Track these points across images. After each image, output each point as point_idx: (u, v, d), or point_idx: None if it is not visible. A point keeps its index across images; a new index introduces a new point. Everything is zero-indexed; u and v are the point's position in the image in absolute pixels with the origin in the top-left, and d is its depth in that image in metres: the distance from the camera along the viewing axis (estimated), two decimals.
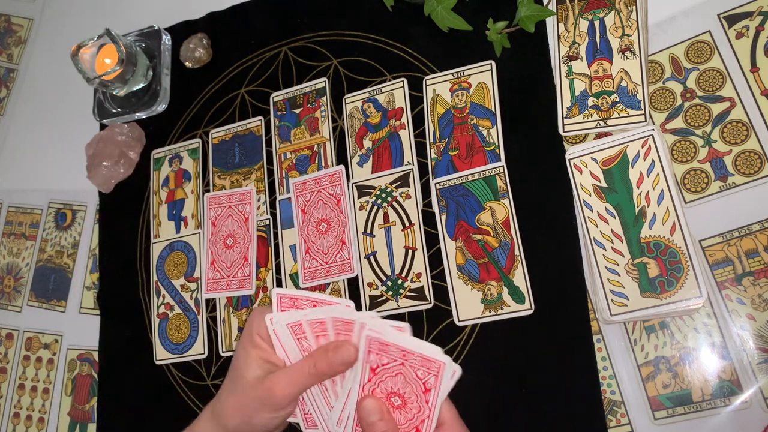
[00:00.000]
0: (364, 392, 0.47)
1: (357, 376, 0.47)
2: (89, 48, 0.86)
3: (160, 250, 0.86)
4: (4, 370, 0.92)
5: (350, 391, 0.48)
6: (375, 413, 0.46)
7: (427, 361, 0.46)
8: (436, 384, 0.46)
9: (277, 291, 0.49)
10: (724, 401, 0.59)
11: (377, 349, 0.46)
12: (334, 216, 0.76)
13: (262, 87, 0.86)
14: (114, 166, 0.89)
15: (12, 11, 1.11)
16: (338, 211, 0.76)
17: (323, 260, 0.75)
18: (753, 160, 0.62)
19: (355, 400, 0.47)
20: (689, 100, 0.66)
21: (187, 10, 0.93)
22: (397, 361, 0.46)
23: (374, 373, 0.47)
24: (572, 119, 0.68)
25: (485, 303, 0.67)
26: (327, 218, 0.76)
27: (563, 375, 0.63)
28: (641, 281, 0.62)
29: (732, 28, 0.66)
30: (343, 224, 0.75)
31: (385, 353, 0.46)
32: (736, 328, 0.60)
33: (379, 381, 0.47)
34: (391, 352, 0.46)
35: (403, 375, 0.46)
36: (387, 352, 0.46)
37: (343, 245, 0.75)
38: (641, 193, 0.64)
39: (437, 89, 0.75)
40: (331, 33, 0.83)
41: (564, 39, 0.71)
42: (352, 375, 0.47)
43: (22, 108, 1.04)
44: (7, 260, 0.97)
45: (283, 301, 0.49)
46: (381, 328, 0.46)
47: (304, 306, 0.48)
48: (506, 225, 0.68)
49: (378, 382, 0.47)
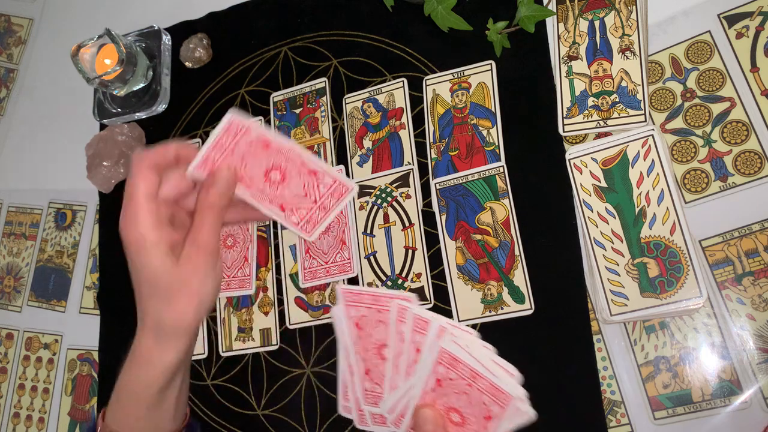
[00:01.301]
0: (424, 400, 0.46)
1: (422, 378, 0.45)
2: (89, 48, 0.86)
3: None
4: (4, 370, 0.92)
5: (412, 388, 0.46)
6: (431, 423, 0.45)
7: (497, 390, 0.43)
8: (501, 415, 0.44)
9: (341, 287, 0.48)
10: (724, 401, 0.59)
11: (447, 362, 0.44)
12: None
13: (262, 87, 0.86)
14: (114, 166, 0.89)
15: (12, 11, 1.11)
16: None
17: (323, 260, 0.75)
18: (753, 160, 0.62)
19: (413, 401, 0.46)
20: (689, 100, 0.66)
21: (187, 10, 0.93)
22: (465, 381, 0.44)
23: (440, 386, 0.45)
24: (572, 119, 0.68)
25: (485, 303, 0.67)
26: None
27: (563, 375, 0.63)
28: (641, 281, 0.62)
29: (732, 28, 0.66)
30: (343, 224, 0.75)
31: (454, 369, 0.44)
32: (736, 328, 0.60)
33: (443, 394, 0.45)
34: (460, 370, 0.44)
35: (468, 396, 0.44)
36: (456, 369, 0.44)
37: (343, 245, 0.75)
38: (641, 193, 0.64)
39: (437, 89, 0.75)
40: (331, 33, 0.83)
41: (564, 39, 0.71)
42: (418, 375, 0.45)
43: (22, 108, 1.04)
44: (7, 260, 0.97)
45: (347, 295, 0.47)
46: (461, 340, 0.44)
47: (366, 301, 0.47)
48: (506, 225, 0.68)
49: (441, 395, 0.45)
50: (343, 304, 0.47)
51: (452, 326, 0.44)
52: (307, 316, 0.75)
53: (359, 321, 0.47)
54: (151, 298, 0.47)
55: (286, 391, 0.74)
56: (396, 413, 0.47)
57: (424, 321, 0.45)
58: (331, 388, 0.72)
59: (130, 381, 0.48)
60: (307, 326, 0.75)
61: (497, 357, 0.45)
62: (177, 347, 0.46)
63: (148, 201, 0.45)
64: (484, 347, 0.44)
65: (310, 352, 0.74)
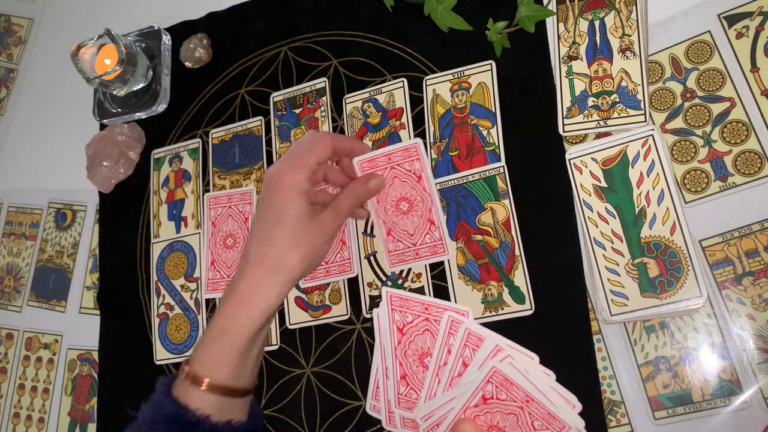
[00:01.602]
0: (465, 414, 0.45)
1: (467, 393, 0.44)
2: (89, 48, 0.86)
3: (160, 250, 0.86)
4: (4, 370, 0.92)
5: (453, 400, 0.45)
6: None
7: (552, 417, 0.42)
8: None
9: (388, 290, 0.47)
10: (724, 401, 0.59)
11: (499, 383, 0.43)
12: None
13: (262, 87, 0.86)
14: (114, 166, 0.89)
15: (12, 11, 1.11)
16: None
17: (323, 260, 0.75)
18: (753, 160, 0.62)
19: (452, 412, 0.45)
20: (689, 100, 0.66)
21: (187, 10, 0.93)
22: (516, 403, 0.43)
23: (485, 402, 0.44)
24: (572, 119, 0.68)
25: (486, 303, 0.67)
26: None
27: (563, 375, 0.63)
28: (641, 281, 0.62)
29: (732, 28, 0.66)
30: (343, 224, 0.75)
31: (506, 390, 0.43)
32: (736, 328, 0.60)
33: (487, 411, 0.44)
34: (513, 392, 0.43)
35: (516, 417, 0.43)
36: (509, 390, 0.43)
37: (343, 245, 0.75)
38: (641, 193, 0.64)
39: (437, 89, 0.75)
40: (331, 33, 0.83)
41: (564, 39, 0.71)
42: (463, 388, 0.44)
43: (22, 108, 1.04)
44: (7, 260, 0.97)
45: (393, 300, 0.47)
46: (520, 364, 0.43)
47: (415, 308, 0.47)
48: (507, 225, 0.68)
49: (485, 412, 0.44)
50: (389, 307, 0.47)
51: (511, 348, 0.44)
52: (307, 316, 0.75)
53: (404, 327, 0.47)
54: (276, 238, 0.51)
55: (286, 391, 0.74)
56: (431, 422, 0.47)
57: (478, 338, 0.45)
58: (331, 388, 0.72)
59: (225, 321, 0.49)
60: (307, 326, 0.75)
61: (557, 384, 0.43)
62: (283, 288, 0.50)
63: (315, 163, 0.53)
64: (544, 373, 0.43)
65: (310, 352, 0.74)
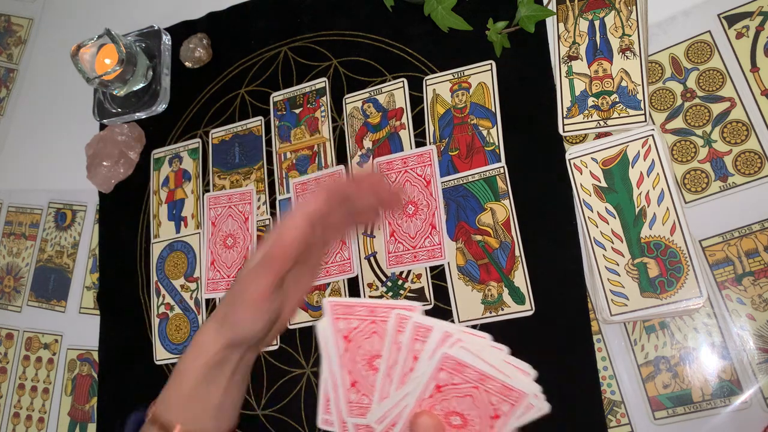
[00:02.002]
0: (421, 407, 0.45)
1: (420, 385, 0.44)
2: (89, 48, 0.86)
3: (160, 250, 0.86)
4: (4, 370, 0.92)
5: (406, 396, 0.45)
6: (432, 430, 0.44)
7: (508, 389, 0.42)
8: (510, 413, 0.42)
9: (328, 300, 0.46)
10: (724, 401, 0.59)
11: (451, 368, 0.43)
12: None
13: (262, 87, 0.86)
14: (114, 166, 0.89)
15: (12, 11, 1.11)
16: None
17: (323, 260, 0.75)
18: (753, 160, 0.62)
19: (406, 409, 0.45)
20: (689, 100, 0.66)
21: (187, 10, 0.93)
22: (471, 384, 0.43)
23: (439, 391, 0.44)
24: (572, 119, 0.68)
25: (486, 304, 0.67)
26: None
27: (563, 375, 0.63)
28: (641, 281, 0.62)
29: (732, 28, 0.66)
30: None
31: (459, 374, 0.43)
32: (736, 328, 0.60)
33: (443, 399, 0.44)
34: (467, 374, 0.43)
35: (472, 398, 0.43)
36: (462, 373, 0.43)
37: (343, 245, 0.75)
38: (641, 193, 0.64)
39: (437, 89, 0.75)
40: (331, 33, 0.83)
41: (564, 39, 0.71)
42: (415, 383, 0.44)
43: (22, 108, 1.04)
44: (7, 260, 0.97)
45: (335, 309, 0.46)
46: (471, 345, 0.43)
47: (359, 313, 0.45)
48: (506, 225, 0.68)
49: (441, 400, 0.44)
50: (331, 317, 0.46)
51: (461, 332, 0.43)
52: (307, 316, 0.75)
53: (349, 333, 0.47)
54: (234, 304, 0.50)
55: (286, 391, 0.74)
56: (386, 423, 0.46)
57: (425, 328, 0.44)
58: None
59: (181, 363, 0.50)
60: (307, 326, 0.75)
61: (510, 357, 0.44)
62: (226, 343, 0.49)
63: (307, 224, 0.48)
64: (495, 348, 0.43)
65: (310, 352, 0.74)
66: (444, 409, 0.45)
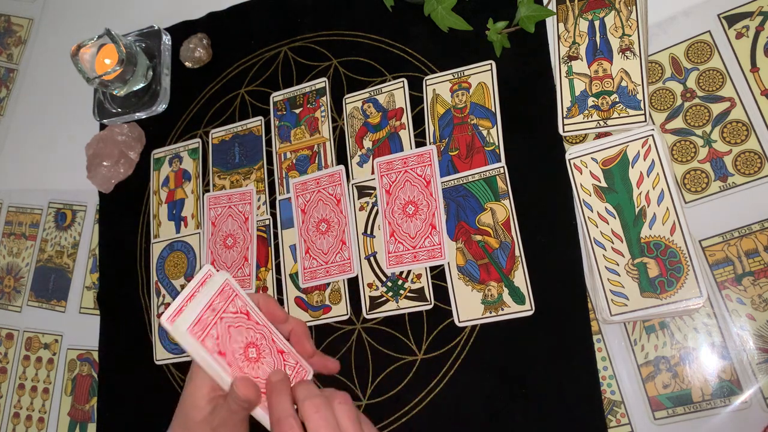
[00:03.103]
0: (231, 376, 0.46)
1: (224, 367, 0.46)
2: (89, 48, 0.86)
3: (160, 250, 0.86)
4: (4, 370, 0.92)
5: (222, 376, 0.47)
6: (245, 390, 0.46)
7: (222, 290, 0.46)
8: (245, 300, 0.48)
9: (164, 316, 0.46)
10: (724, 401, 0.59)
11: (228, 298, 0.47)
12: (334, 216, 0.76)
13: (262, 87, 0.86)
14: (114, 166, 0.89)
15: (12, 11, 1.11)
16: (338, 212, 0.76)
17: (323, 260, 0.75)
18: (753, 160, 0.62)
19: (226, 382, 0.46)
20: (689, 100, 0.66)
21: (187, 10, 0.93)
22: (252, 321, 0.47)
23: (247, 356, 0.47)
24: (572, 119, 0.68)
25: (485, 304, 0.67)
26: (327, 218, 0.76)
27: (563, 375, 0.63)
28: (641, 281, 0.62)
29: (732, 28, 0.66)
30: (343, 224, 0.75)
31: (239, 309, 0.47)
32: (736, 328, 0.60)
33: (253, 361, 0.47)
34: (238, 305, 0.47)
35: (243, 327, 0.47)
36: (237, 306, 0.47)
37: (343, 245, 0.75)
38: (641, 193, 0.64)
39: (437, 89, 0.75)
40: (331, 33, 0.83)
41: (564, 39, 0.71)
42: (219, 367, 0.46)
43: (22, 108, 1.04)
44: (7, 260, 0.97)
45: (174, 319, 0.46)
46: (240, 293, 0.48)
47: (187, 304, 0.46)
48: (506, 226, 0.68)
49: (252, 361, 0.47)
50: (194, 339, 0.47)
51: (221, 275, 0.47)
52: (307, 316, 0.75)
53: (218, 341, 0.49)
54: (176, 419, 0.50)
55: None
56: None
57: (222, 292, 0.47)
58: (330, 387, 0.72)
59: None
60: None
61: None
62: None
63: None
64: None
65: None
66: (263, 373, 0.48)
